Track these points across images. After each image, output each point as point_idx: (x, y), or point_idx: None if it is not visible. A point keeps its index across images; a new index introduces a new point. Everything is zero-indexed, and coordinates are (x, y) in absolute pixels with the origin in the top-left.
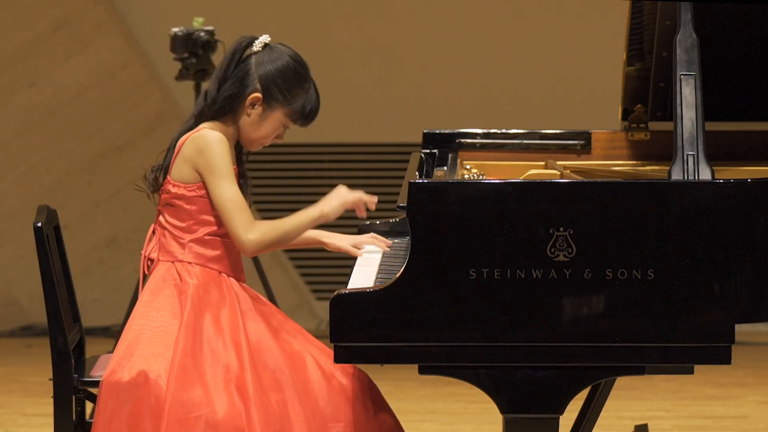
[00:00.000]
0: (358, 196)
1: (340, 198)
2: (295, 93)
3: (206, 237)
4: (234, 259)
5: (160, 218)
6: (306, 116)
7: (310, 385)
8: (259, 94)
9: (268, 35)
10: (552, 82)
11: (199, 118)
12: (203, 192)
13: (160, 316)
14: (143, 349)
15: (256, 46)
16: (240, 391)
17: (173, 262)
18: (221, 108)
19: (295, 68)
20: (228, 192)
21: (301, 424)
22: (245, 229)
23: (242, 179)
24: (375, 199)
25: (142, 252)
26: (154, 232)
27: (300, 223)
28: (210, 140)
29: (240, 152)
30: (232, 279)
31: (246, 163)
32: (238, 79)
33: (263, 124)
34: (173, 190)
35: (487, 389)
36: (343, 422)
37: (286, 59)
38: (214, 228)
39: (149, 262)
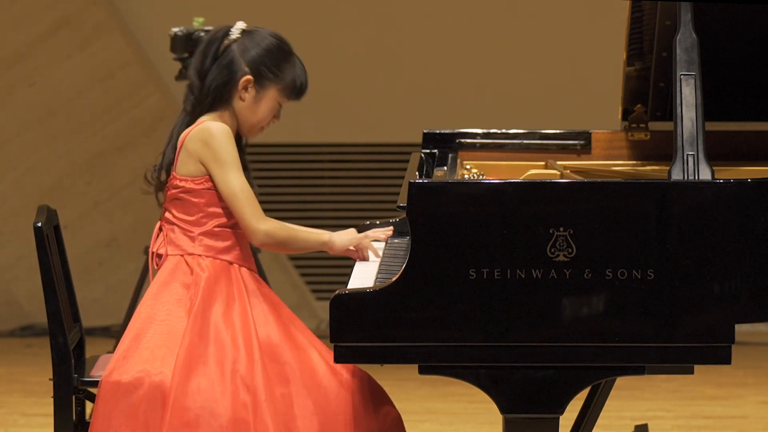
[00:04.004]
0: (367, 243)
1: (350, 235)
2: (283, 68)
3: (216, 229)
4: (245, 248)
5: (167, 214)
6: (298, 90)
7: (318, 378)
8: (250, 77)
9: (243, 21)
10: (552, 82)
11: (192, 113)
12: (210, 184)
13: (166, 310)
14: (148, 344)
15: (234, 33)
16: (247, 385)
17: (183, 256)
18: (214, 98)
19: (279, 45)
20: (237, 182)
21: (308, 417)
22: (257, 219)
23: (245, 171)
24: (367, 253)
25: (150, 248)
26: (161, 229)
27: (309, 238)
28: (215, 131)
29: (240, 144)
30: (243, 269)
31: (246, 153)
32: (224, 67)
33: (259, 106)
34: (180, 184)
35: (487, 389)
36: (349, 414)
37: (268, 39)
38: (224, 219)
39: (157, 258)
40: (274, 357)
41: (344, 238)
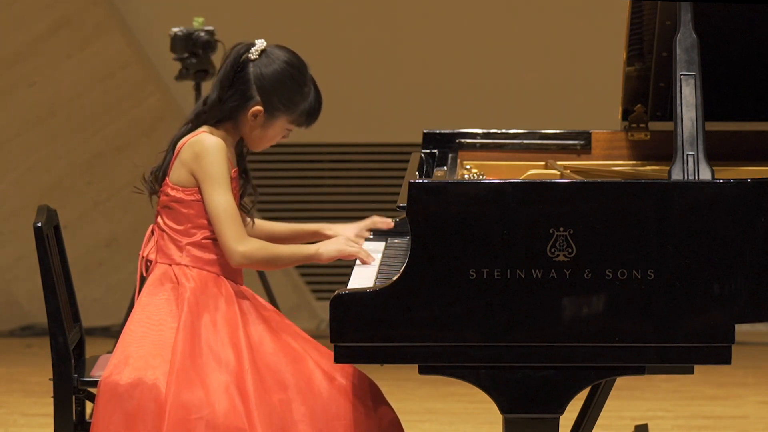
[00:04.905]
0: (357, 250)
1: (338, 245)
2: (295, 100)
3: (203, 240)
4: None
5: (159, 219)
6: (308, 118)
7: (314, 384)
8: (260, 107)
9: (263, 40)
10: (552, 82)
11: (195, 123)
12: (200, 196)
13: (158, 318)
14: (141, 351)
15: (253, 53)
16: (240, 391)
17: (170, 265)
18: (223, 116)
19: (292, 74)
20: (221, 201)
21: (306, 422)
22: (236, 240)
23: (244, 175)
24: (372, 259)
25: (140, 253)
26: (152, 233)
27: (294, 254)
28: (207, 146)
29: (241, 150)
30: (230, 282)
31: (246, 159)
32: (239, 91)
33: (267, 132)
34: (171, 193)
35: (487, 389)
36: (346, 420)
37: (282, 67)
38: (211, 232)
39: (147, 263)
40: (269, 364)
41: (330, 248)
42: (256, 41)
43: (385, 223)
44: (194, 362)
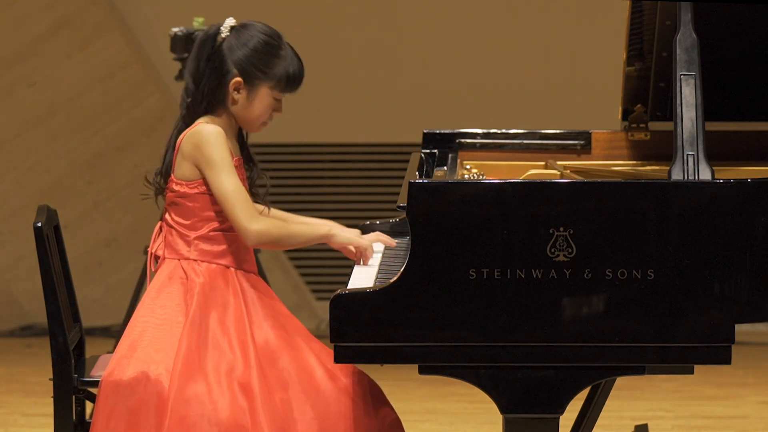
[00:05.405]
0: (367, 244)
1: (352, 234)
2: (272, 65)
3: (211, 233)
4: (241, 251)
5: (166, 216)
6: (290, 82)
7: (317, 383)
8: (239, 78)
9: (232, 18)
10: (552, 82)
11: (188, 117)
12: (204, 188)
13: (165, 313)
14: (146, 347)
15: (224, 31)
16: (244, 389)
17: (179, 260)
18: (209, 102)
19: (266, 41)
20: (228, 183)
21: (308, 422)
22: (249, 219)
23: (250, 163)
24: (369, 253)
25: (149, 249)
26: (161, 229)
27: (307, 233)
28: (206, 134)
29: (242, 139)
30: (240, 273)
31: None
32: (215, 71)
33: (253, 104)
34: (177, 188)
35: (487, 389)
36: (348, 419)
37: (256, 36)
38: (218, 224)
39: (155, 259)
40: (273, 362)
41: (346, 234)
42: (225, 20)
43: (389, 241)
44: (199, 358)
